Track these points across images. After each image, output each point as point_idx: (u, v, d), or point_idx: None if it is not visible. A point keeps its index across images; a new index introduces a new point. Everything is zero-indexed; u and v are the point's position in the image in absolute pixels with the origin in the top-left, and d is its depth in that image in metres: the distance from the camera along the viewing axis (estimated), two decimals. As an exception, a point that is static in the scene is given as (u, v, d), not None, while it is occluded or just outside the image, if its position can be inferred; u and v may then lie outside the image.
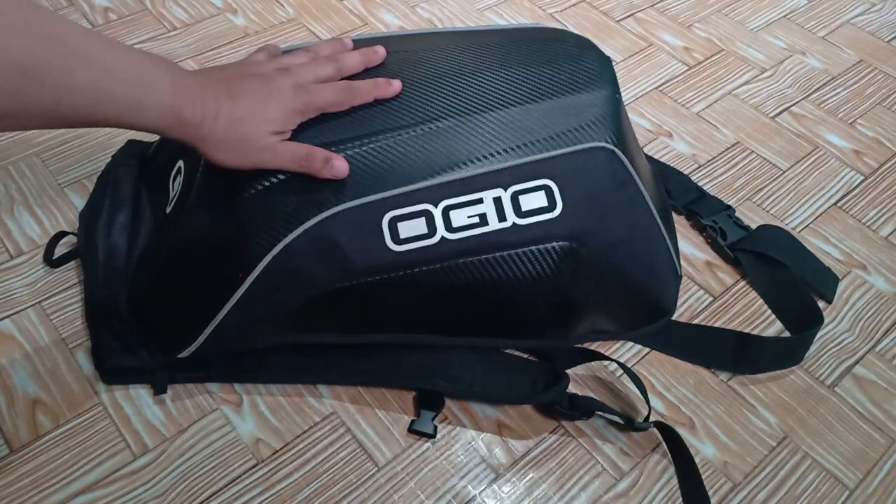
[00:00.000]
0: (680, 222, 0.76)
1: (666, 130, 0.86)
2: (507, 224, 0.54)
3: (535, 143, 0.55)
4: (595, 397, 0.62)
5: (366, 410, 0.60)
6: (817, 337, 0.68)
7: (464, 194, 0.54)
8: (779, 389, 0.64)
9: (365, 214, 0.53)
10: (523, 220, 0.54)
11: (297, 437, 0.59)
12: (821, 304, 0.70)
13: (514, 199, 0.54)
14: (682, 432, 0.61)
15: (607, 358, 0.62)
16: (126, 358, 0.59)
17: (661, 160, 0.82)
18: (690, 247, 0.74)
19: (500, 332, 0.60)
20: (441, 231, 0.53)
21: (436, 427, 0.59)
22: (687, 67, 0.94)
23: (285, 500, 0.55)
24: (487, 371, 0.61)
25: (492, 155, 0.54)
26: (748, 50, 0.98)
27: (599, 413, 0.61)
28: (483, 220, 0.54)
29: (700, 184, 0.80)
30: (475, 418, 0.61)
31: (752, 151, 0.84)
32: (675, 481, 0.58)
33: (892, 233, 0.77)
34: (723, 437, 0.61)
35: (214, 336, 0.56)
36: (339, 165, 0.52)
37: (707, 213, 0.75)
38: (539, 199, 0.54)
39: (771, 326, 0.68)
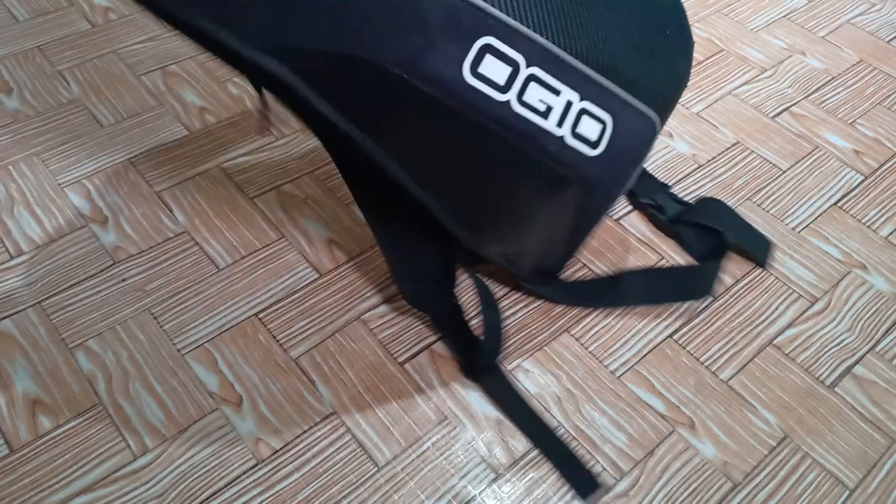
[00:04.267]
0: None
1: (666, 130, 0.86)
2: (559, 133, 0.53)
3: (624, 76, 0.55)
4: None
5: (366, 410, 0.60)
6: (817, 336, 0.68)
7: (553, 75, 0.51)
8: (779, 389, 0.64)
9: (468, 19, 0.47)
10: (571, 140, 0.54)
11: (297, 437, 0.59)
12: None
13: (580, 114, 0.53)
14: (682, 432, 0.61)
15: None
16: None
17: (662, 161, 0.82)
18: (690, 247, 0.74)
19: (445, 195, 0.58)
20: (512, 94, 0.50)
21: None
22: (687, 67, 0.94)
23: (285, 500, 0.55)
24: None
25: (598, 62, 0.53)
26: (748, 50, 0.98)
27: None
28: (546, 113, 0.52)
29: (700, 184, 0.80)
30: (475, 418, 0.61)
31: (752, 151, 0.84)
32: (675, 481, 0.58)
33: (892, 233, 0.77)
34: (723, 437, 0.61)
35: None
36: None
37: (645, 192, 0.78)
38: (593, 131, 0.55)
39: (772, 326, 0.68)
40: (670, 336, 0.67)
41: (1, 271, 0.67)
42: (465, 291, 0.68)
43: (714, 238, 0.73)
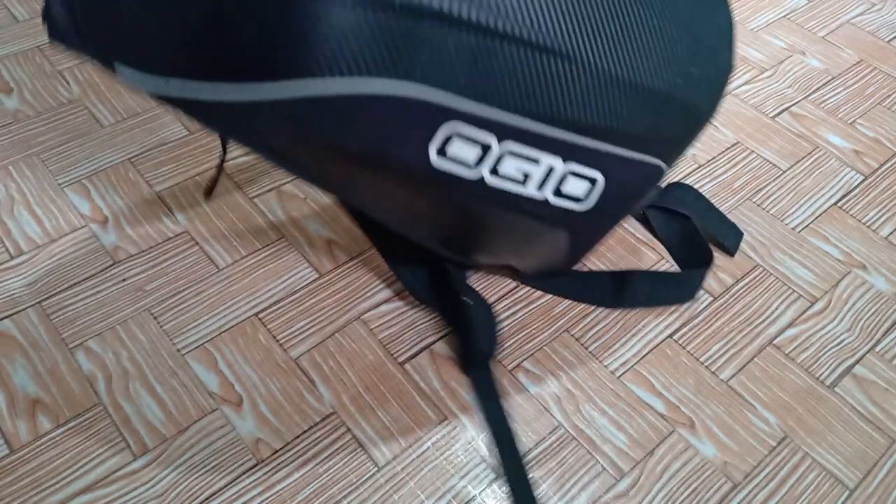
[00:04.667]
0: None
1: (666, 130, 0.86)
2: (540, 197, 0.51)
3: (623, 134, 0.50)
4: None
5: (366, 410, 0.60)
6: (817, 336, 0.68)
7: (531, 145, 0.48)
8: (779, 389, 0.64)
9: (427, 113, 0.44)
10: (555, 200, 0.52)
11: (297, 437, 0.59)
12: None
13: (564, 177, 0.51)
14: (682, 432, 0.61)
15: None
16: None
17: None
18: (690, 247, 0.74)
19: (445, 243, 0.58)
20: (484, 169, 0.48)
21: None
22: (687, 67, 0.94)
23: (285, 500, 0.55)
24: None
25: (586, 127, 0.49)
26: (748, 50, 0.98)
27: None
28: (525, 179, 0.50)
29: (700, 184, 0.80)
30: (475, 418, 0.61)
31: (752, 151, 0.85)
32: (675, 481, 0.58)
33: (892, 233, 0.77)
34: (723, 437, 0.61)
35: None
36: None
37: None
38: (580, 188, 0.52)
39: (772, 326, 0.68)
40: (670, 336, 0.67)
41: (1, 271, 0.67)
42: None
43: (682, 223, 0.74)
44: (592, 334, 0.67)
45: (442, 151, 0.46)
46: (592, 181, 0.52)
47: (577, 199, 0.52)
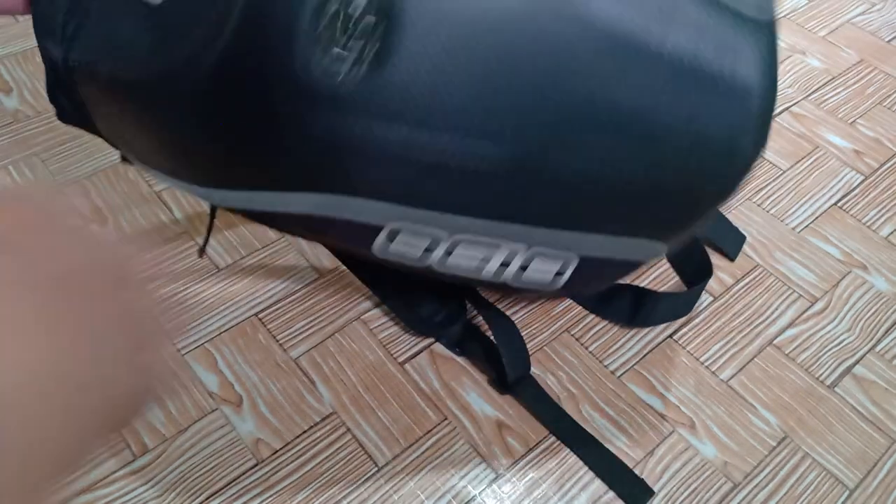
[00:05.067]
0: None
1: (666, 130, 0.86)
2: (499, 280, 0.48)
3: (591, 225, 0.45)
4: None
5: (366, 410, 0.60)
6: (817, 336, 0.68)
7: (488, 235, 0.45)
8: (779, 389, 0.64)
9: (366, 223, 0.45)
10: (517, 282, 0.48)
11: (297, 437, 0.59)
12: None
13: (528, 260, 0.47)
14: (683, 432, 0.61)
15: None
16: None
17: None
18: (690, 247, 0.74)
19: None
20: (433, 259, 0.46)
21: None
22: (687, 67, 0.94)
23: (285, 500, 0.55)
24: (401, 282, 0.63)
25: (550, 220, 0.44)
26: (748, 50, 0.98)
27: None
28: (482, 263, 0.47)
29: (700, 184, 0.80)
30: (475, 418, 0.61)
31: (753, 151, 0.84)
32: (675, 481, 0.58)
33: (892, 233, 0.77)
34: (723, 437, 0.61)
35: None
36: None
37: None
38: (548, 268, 0.47)
39: (772, 326, 0.68)
40: (670, 336, 0.67)
41: (1, 271, 0.67)
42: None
43: None
44: (592, 334, 0.67)
45: (390, 241, 0.46)
46: (565, 261, 0.47)
47: (544, 279, 0.49)
